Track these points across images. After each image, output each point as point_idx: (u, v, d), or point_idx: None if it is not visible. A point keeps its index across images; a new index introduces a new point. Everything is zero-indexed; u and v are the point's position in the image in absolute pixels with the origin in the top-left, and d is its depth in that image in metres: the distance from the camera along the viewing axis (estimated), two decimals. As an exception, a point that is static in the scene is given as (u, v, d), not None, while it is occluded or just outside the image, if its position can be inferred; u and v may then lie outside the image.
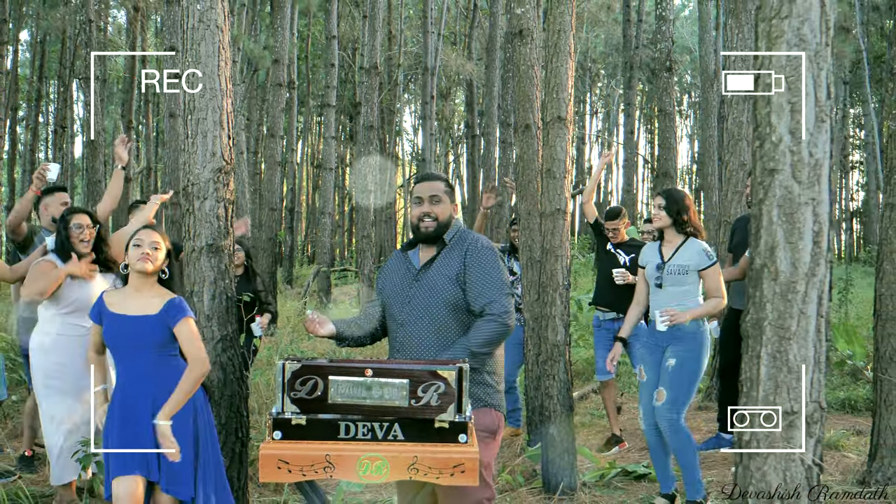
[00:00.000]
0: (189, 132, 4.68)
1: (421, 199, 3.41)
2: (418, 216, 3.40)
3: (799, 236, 2.02)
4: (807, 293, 2.03)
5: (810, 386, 2.05)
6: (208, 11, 4.63)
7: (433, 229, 3.38)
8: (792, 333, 2.04)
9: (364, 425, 2.96)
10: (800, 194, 2.02)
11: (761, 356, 2.07)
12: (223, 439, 4.66)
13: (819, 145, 2.01)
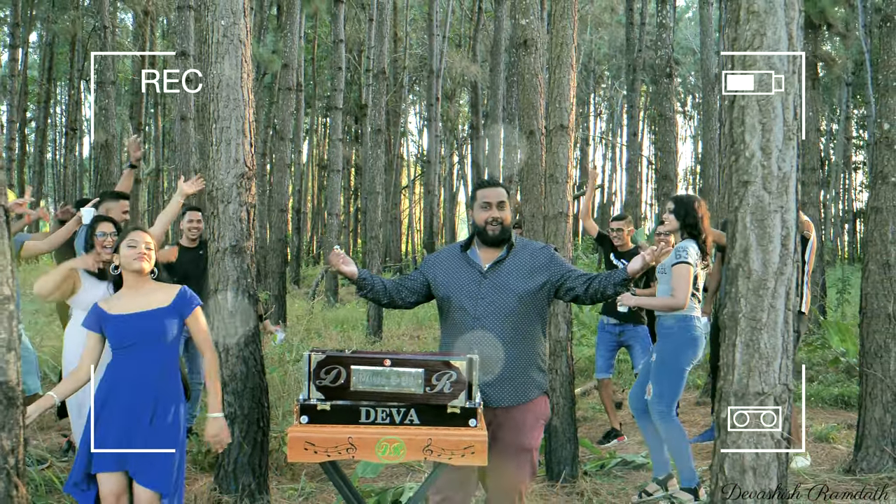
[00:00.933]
0: (213, 140, 4.97)
1: (489, 205, 3.70)
2: (486, 220, 3.69)
3: (769, 240, 2.30)
4: (776, 289, 2.31)
5: (779, 370, 2.33)
6: (232, 27, 4.93)
7: (499, 233, 3.68)
8: (763, 324, 2.33)
9: (383, 410, 3.25)
10: (770, 203, 2.30)
11: (736, 344, 2.36)
12: (245, 428, 4.96)
13: (787, 160, 2.30)
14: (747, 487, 2.29)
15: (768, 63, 2.29)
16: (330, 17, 21.80)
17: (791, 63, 2.30)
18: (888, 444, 5.18)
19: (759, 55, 2.28)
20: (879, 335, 5.23)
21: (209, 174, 5.04)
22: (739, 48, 2.34)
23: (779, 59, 2.29)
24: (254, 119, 5.11)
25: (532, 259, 3.69)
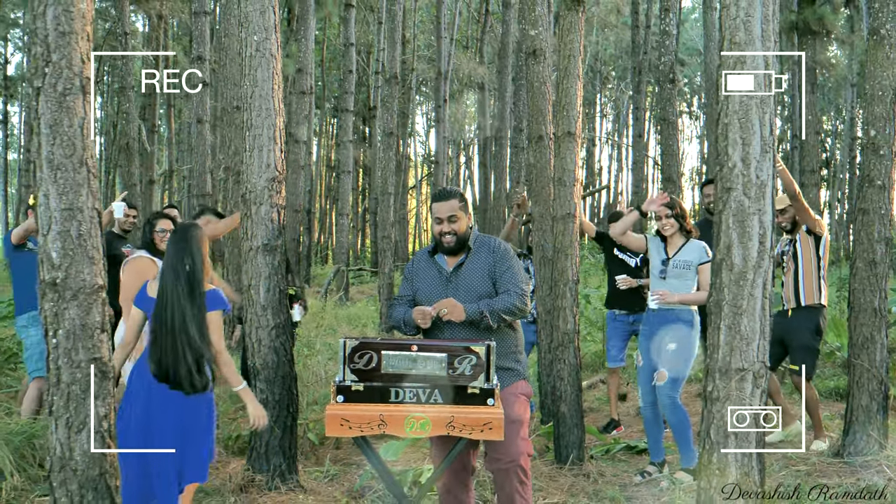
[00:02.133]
0: (247, 146, 5.36)
1: (440, 220, 4.06)
2: (439, 232, 4.06)
3: (748, 238, 2.67)
4: (754, 280, 2.68)
5: (757, 349, 2.70)
6: (264, 42, 5.33)
7: (454, 244, 4.03)
8: (743, 310, 2.69)
9: (410, 391, 3.64)
10: (749, 206, 2.67)
11: (720, 328, 2.73)
12: (276, 413, 5.35)
13: (764, 170, 2.67)
14: (729, 448, 2.67)
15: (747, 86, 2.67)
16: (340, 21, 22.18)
17: (768, 85, 2.68)
18: (874, 429, 5.56)
19: (738, 80, 2.67)
20: (866, 328, 5.61)
21: (243, 178, 5.43)
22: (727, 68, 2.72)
23: (757, 83, 2.66)
24: (282, 127, 5.50)
25: (486, 260, 4.01)
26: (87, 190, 2.64)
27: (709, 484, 2.73)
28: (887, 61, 5.55)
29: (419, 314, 3.92)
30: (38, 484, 5.11)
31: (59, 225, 2.60)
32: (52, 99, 2.60)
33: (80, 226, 2.63)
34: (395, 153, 16.14)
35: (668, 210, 5.54)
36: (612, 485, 5.43)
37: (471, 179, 44.87)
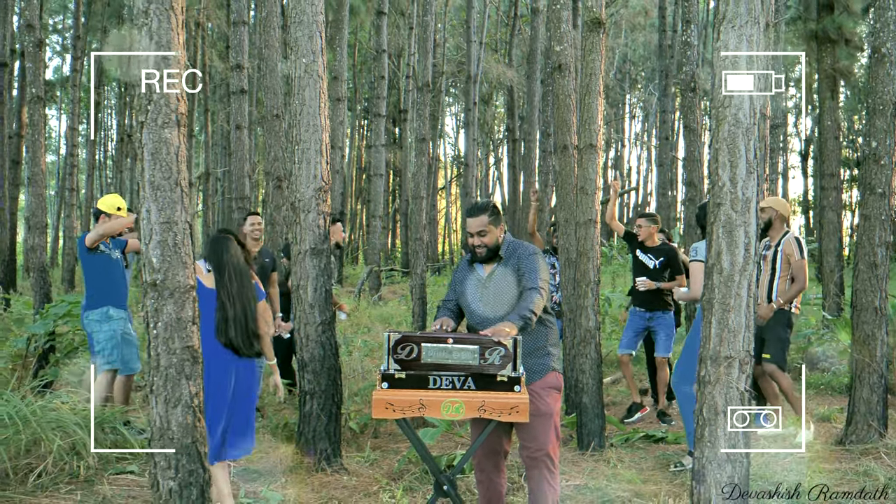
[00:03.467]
0: (296, 159, 5.89)
1: (472, 234, 4.56)
2: (472, 245, 4.56)
3: (735, 246, 3.13)
4: (740, 282, 3.14)
5: (742, 341, 3.15)
6: (312, 64, 5.86)
7: (485, 254, 4.52)
8: (731, 308, 3.15)
9: (446, 378, 4.14)
10: (736, 220, 3.13)
11: (712, 322, 3.19)
12: (323, 402, 5.88)
13: (749, 188, 3.13)
14: (719, 424, 3.13)
15: (735, 119, 3.13)
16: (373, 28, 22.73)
17: (753, 116, 3.14)
18: (874, 419, 5.99)
19: (729, 111, 3.13)
20: (868, 326, 6.04)
21: (292, 188, 5.97)
22: (716, 106, 3.19)
23: (743, 115, 3.13)
24: (328, 141, 6.02)
25: (515, 264, 4.48)
26: (181, 206, 3.16)
27: (702, 454, 3.20)
28: (887, 78, 5.97)
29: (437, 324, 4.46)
30: (110, 464, 5.68)
31: (158, 235, 3.13)
32: (153, 131, 3.12)
33: (175, 236, 3.16)
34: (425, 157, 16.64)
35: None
36: (630, 469, 5.90)
37: (500, 180, 45.28)
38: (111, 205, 6.90)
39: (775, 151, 13.95)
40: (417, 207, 13.88)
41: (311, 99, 5.87)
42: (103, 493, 5.14)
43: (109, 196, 7.04)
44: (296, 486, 5.49)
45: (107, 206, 6.89)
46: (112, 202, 6.94)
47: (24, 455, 5.35)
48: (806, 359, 9.59)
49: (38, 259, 9.84)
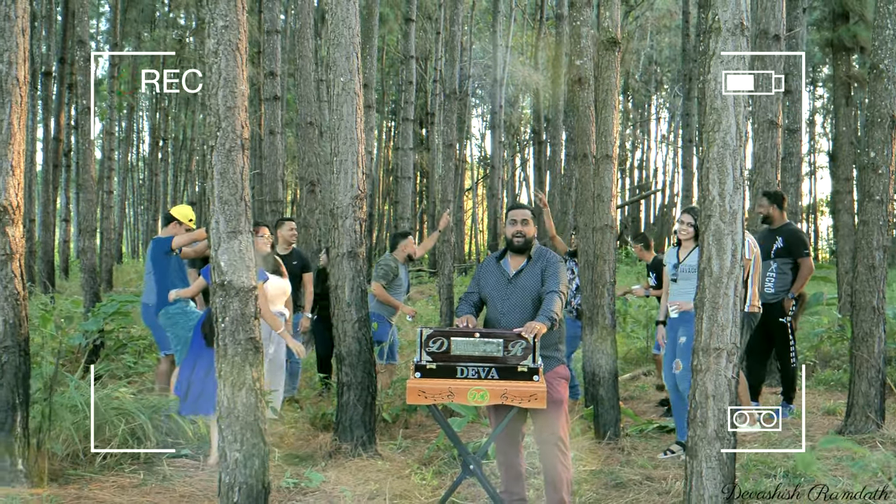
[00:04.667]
0: (334, 169, 6.41)
1: (515, 221, 5.07)
2: (513, 233, 5.06)
3: (724, 252, 3.59)
4: (728, 284, 3.60)
5: (730, 335, 3.61)
6: (349, 82, 6.38)
7: (522, 243, 5.04)
8: (719, 306, 3.61)
9: (473, 369, 4.64)
10: (724, 229, 3.59)
11: (703, 318, 3.64)
12: (359, 393, 6.40)
13: (736, 202, 3.59)
14: (709, 407, 3.60)
15: (723, 142, 3.60)
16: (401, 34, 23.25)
17: (738, 139, 3.61)
18: (872, 411, 6.42)
19: (717, 135, 3.60)
20: (866, 324, 6.47)
21: (330, 196, 6.49)
22: (707, 130, 3.66)
23: (731, 139, 3.59)
24: (364, 153, 6.53)
25: (540, 267, 4.98)
26: (245, 218, 3.68)
27: (694, 433, 3.67)
28: (885, 92, 6.40)
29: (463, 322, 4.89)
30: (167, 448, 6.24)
31: (226, 243, 3.64)
32: (221, 154, 3.64)
33: (240, 244, 3.67)
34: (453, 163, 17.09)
35: (690, 218, 6.47)
36: (643, 456, 6.37)
37: (526, 181, 45.68)
38: (185, 215, 7.58)
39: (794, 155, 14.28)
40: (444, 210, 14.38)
41: (349, 114, 6.38)
42: (163, 472, 5.69)
43: (184, 207, 7.75)
44: (335, 469, 6.01)
45: (181, 216, 7.57)
46: (186, 213, 7.64)
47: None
48: (818, 357, 9.99)
49: (88, 260, 10.46)
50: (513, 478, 5.11)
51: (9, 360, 5.27)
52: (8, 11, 5.27)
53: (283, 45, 21.08)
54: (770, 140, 9.14)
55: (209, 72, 3.71)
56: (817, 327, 10.42)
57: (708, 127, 3.64)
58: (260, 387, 3.73)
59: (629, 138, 46.70)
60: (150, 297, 7.46)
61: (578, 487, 5.57)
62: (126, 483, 5.48)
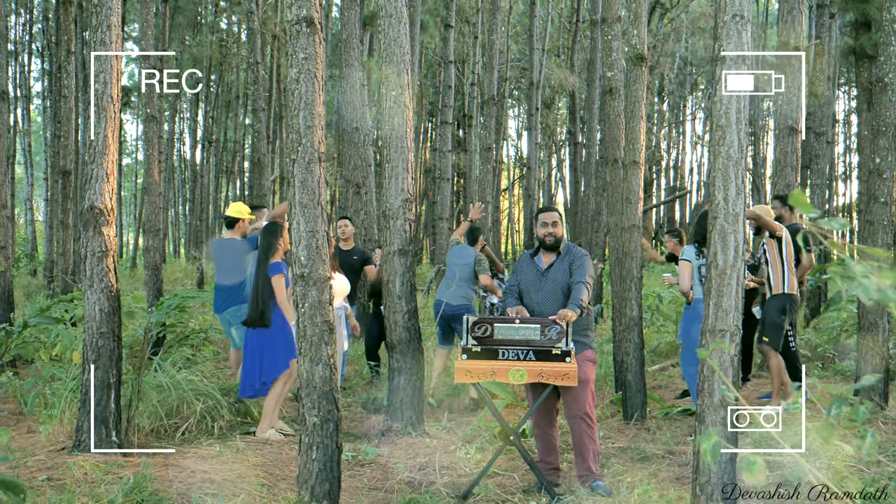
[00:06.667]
0: (386, 175, 7.10)
1: (546, 224, 5.74)
2: (545, 234, 5.73)
3: (728, 248, 4.20)
4: (731, 275, 4.21)
5: (732, 318, 4.22)
6: (400, 96, 7.06)
7: (553, 242, 5.72)
8: (724, 294, 4.22)
9: (513, 351, 5.31)
10: (728, 229, 4.20)
11: (710, 304, 4.26)
12: (408, 378, 7.07)
13: (739, 205, 4.20)
14: (715, 380, 4.22)
15: (727, 154, 4.22)
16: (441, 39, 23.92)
17: (741, 151, 4.22)
18: (876, 395, 7.00)
19: (723, 149, 4.22)
20: (871, 315, 7.05)
21: (382, 199, 7.18)
22: (714, 144, 4.28)
23: (734, 152, 4.21)
24: (413, 160, 7.21)
25: (568, 262, 5.65)
26: (321, 219, 4.37)
27: (702, 402, 4.28)
28: (890, 103, 6.97)
29: (513, 312, 5.57)
30: (238, 426, 6.97)
31: (305, 241, 4.33)
32: (301, 166, 4.34)
33: (317, 241, 4.36)
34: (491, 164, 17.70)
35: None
36: (666, 434, 6.99)
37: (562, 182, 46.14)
38: (242, 212, 8.30)
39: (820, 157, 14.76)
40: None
41: (399, 125, 7.07)
42: (236, 446, 6.41)
43: (238, 205, 8.44)
44: (387, 445, 6.70)
45: (241, 214, 8.28)
46: (243, 210, 8.35)
47: (173, 415, 6.66)
48: (837, 349, 10.51)
49: (152, 258, 11.27)
50: (548, 449, 5.78)
51: (104, 345, 6.02)
52: (104, 37, 6.02)
53: (324, 51, 21.88)
54: (790, 145, 9.71)
55: (291, 96, 4.41)
56: (835, 321, 10.91)
57: (714, 141, 4.27)
58: (334, 362, 4.42)
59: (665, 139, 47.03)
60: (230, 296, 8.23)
61: (607, 461, 6.22)
62: (205, 454, 6.21)
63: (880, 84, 7.03)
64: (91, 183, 5.98)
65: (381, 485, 5.69)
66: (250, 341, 6.91)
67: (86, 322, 6.01)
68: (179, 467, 5.77)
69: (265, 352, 6.85)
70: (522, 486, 5.68)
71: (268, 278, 6.84)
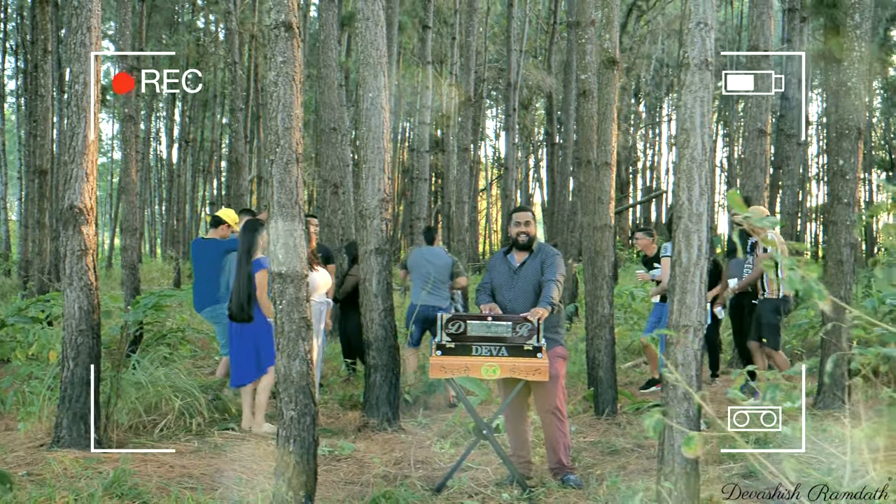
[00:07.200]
0: (363, 175, 7.22)
1: (519, 223, 5.89)
2: (517, 232, 5.88)
3: (691, 247, 4.35)
4: (694, 273, 4.36)
5: (695, 314, 4.38)
6: (377, 97, 7.19)
7: (525, 240, 5.86)
8: (687, 291, 4.38)
9: (486, 347, 5.45)
10: (691, 228, 4.36)
11: (674, 301, 4.42)
12: (384, 374, 7.19)
13: (702, 206, 4.35)
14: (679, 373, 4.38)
15: (691, 157, 4.38)
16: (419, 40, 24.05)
17: (705, 153, 4.38)
18: (838, 390, 7.21)
19: (687, 151, 4.38)
20: (834, 313, 7.25)
21: (359, 199, 7.31)
22: (679, 146, 4.44)
23: (697, 154, 4.37)
24: (390, 160, 7.34)
25: (542, 261, 5.79)
26: (299, 218, 4.49)
27: (667, 394, 4.44)
28: (853, 107, 7.17)
29: (486, 309, 5.72)
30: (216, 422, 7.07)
31: (283, 239, 4.46)
32: (280, 166, 4.46)
33: (294, 239, 4.48)
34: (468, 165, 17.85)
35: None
36: (636, 429, 7.16)
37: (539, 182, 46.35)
38: (232, 218, 8.39)
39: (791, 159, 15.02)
40: (459, 211, 15.22)
41: (376, 126, 7.19)
42: (215, 442, 6.51)
43: (229, 210, 8.57)
44: (363, 441, 6.83)
45: (230, 219, 8.36)
46: (233, 216, 8.45)
47: (152, 411, 6.76)
48: (805, 346, 10.73)
49: (129, 258, 11.32)
50: (520, 443, 5.93)
51: (84, 342, 6.12)
52: (84, 39, 6.11)
53: (302, 52, 21.98)
54: (759, 147, 9.91)
55: (270, 98, 4.53)
56: (803, 319, 11.14)
57: (679, 144, 4.43)
58: (311, 358, 4.54)
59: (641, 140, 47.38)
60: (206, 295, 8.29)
61: (578, 454, 6.38)
62: (183, 449, 6.30)
63: (844, 88, 7.23)
64: (71, 182, 6.07)
65: (357, 479, 5.82)
66: (237, 334, 7.00)
67: (65, 319, 6.10)
68: (158, 462, 5.87)
69: (260, 340, 6.95)
70: (495, 479, 5.82)
71: (251, 274, 6.93)
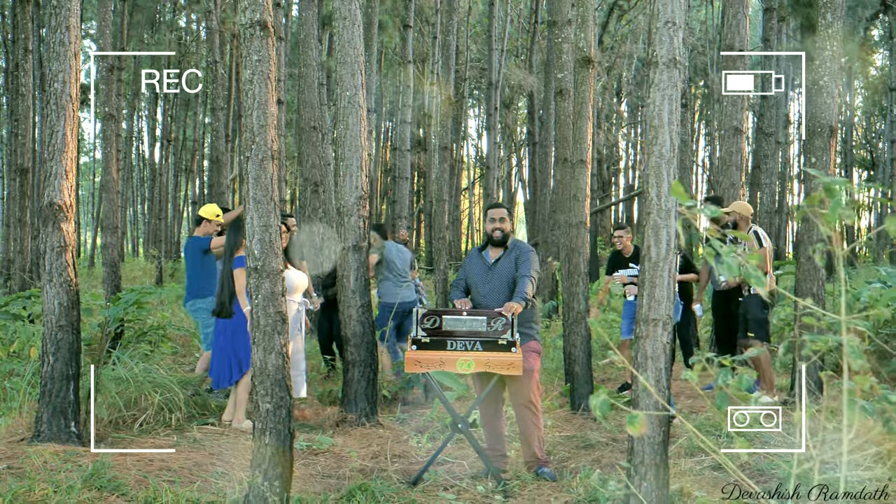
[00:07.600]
0: (341, 173, 7.28)
1: (494, 219, 5.97)
2: (492, 229, 5.96)
3: (660, 242, 4.44)
4: (663, 267, 4.45)
5: (664, 307, 4.47)
6: (354, 96, 7.25)
7: (500, 237, 5.94)
8: (656, 285, 4.47)
9: (461, 342, 5.52)
10: (660, 223, 4.44)
11: (644, 295, 4.51)
12: (362, 370, 7.26)
13: (670, 202, 4.45)
14: (648, 367, 4.47)
15: (659, 153, 4.47)
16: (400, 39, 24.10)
17: (672, 151, 4.47)
18: (811, 384, 7.32)
19: (655, 148, 4.47)
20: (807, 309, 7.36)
21: (337, 196, 7.37)
22: (647, 143, 4.53)
23: (666, 151, 4.46)
24: (368, 159, 7.40)
25: (516, 257, 5.88)
26: (274, 214, 4.55)
27: (636, 387, 4.53)
28: (825, 105, 7.29)
29: (460, 304, 5.80)
30: (195, 417, 7.11)
31: (259, 235, 4.51)
32: (255, 163, 4.52)
33: (270, 235, 4.54)
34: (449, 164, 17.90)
35: None
36: (611, 423, 7.25)
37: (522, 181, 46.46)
38: (211, 213, 8.40)
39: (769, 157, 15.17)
40: (440, 209, 15.21)
41: (354, 124, 7.26)
42: (194, 436, 6.56)
43: (209, 206, 8.58)
44: (342, 435, 6.89)
45: (210, 215, 8.38)
46: (212, 210, 8.45)
47: (131, 407, 6.79)
48: (781, 342, 10.86)
49: (109, 255, 11.34)
50: (495, 437, 6.01)
51: (63, 338, 6.15)
52: (63, 38, 6.14)
53: (283, 51, 21.98)
54: (735, 145, 10.04)
55: (246, 96, 4.59)
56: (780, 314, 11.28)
57: (648, 141, 4.51)
58: (286, 351, 4.60)
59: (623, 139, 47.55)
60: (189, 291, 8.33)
61: (553, 448, 6.47)
62: (162, 444, 6.35)
63: (816, 86, 7.34)
64: (50, 180, 6.10)
65: (335, 472, 5.88)
66: (220, 331, 7.07)
67: (45, 315, 6.13)
68: (137, 456, 5.92)
69: (239, 342, 7.01)
70: (471, 472, 5.90)
71: (231, 271, 6.99)
